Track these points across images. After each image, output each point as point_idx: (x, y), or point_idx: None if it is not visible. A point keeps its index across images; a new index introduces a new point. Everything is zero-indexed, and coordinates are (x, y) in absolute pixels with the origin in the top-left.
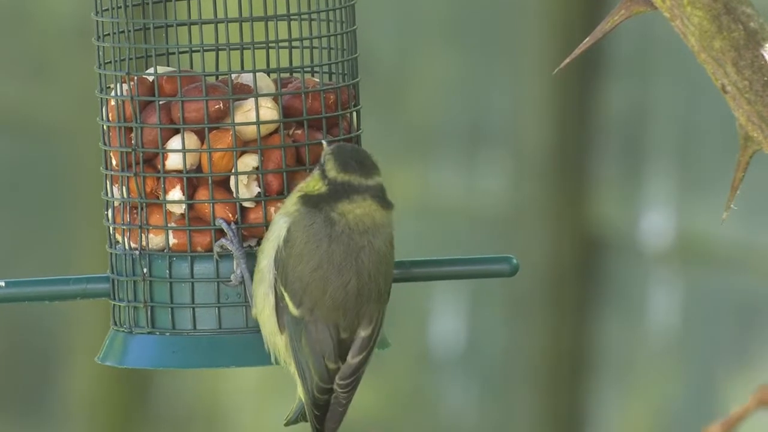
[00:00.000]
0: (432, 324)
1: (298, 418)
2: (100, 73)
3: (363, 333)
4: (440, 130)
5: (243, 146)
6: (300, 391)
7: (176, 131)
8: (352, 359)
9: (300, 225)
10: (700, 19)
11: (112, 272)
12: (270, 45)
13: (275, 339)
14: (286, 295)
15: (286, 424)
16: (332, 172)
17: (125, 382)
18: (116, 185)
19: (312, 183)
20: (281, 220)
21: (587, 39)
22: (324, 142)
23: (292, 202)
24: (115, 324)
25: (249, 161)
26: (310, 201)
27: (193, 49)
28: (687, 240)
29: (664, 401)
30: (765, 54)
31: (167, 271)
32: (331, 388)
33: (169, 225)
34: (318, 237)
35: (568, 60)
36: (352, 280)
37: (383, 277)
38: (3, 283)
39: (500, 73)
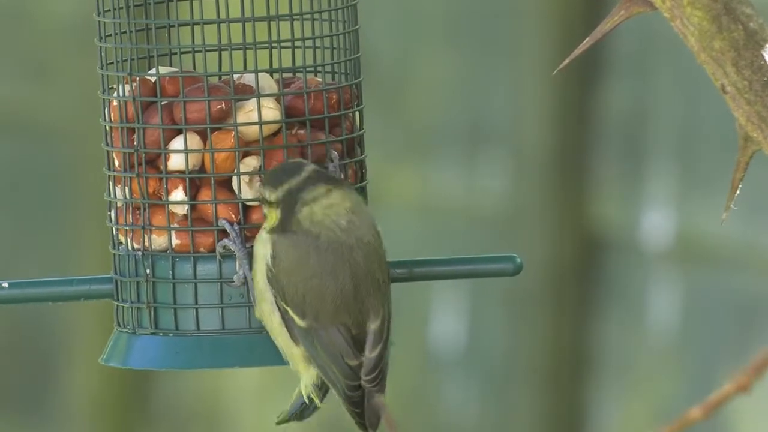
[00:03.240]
0: (432, 324)
1: (292, 417)
2: (102, 74)
3: (372, 326)
4: (440, 130)
5: (245, 147)
6: (301, 386)
7: (179, 132)
8: (370, 354)
9: (283, 244)
10: (700, 20)
11: (116, 273)
12: (272, 45)
13: (291, 351)
14: (288, 309)
15: (278, 423)
16: (271, 195)
17: (126, 382)
18: (119, 186)
19: (268, 220)
20: (262, 240)
21: (587, 39)
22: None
23: (263, 237)
24: (119, 325)
25: (252, 162)
26: (278, 229)
27: (195, 49)
28: (687, 240)
29: (664, 401)
30: (765, 54)
31: (170, 271)
32: (359, 384)
33: (171, 226)
34: (305, 251)
35: (567, 60)
36: (348, 282)
37: (378, 269)
38: (6, 284)
39: (500, 73)
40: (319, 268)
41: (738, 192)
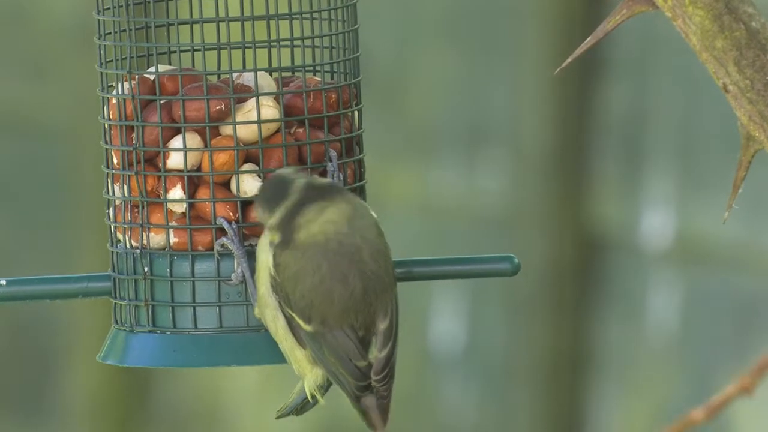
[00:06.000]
0: (432, 324)
1: (292, 412)
2: (101, 72)
3: (381, 326)
4: (440, 130)
5: (245, 146)
6: (305, 386)
7: (178, 131)
8: (380, 353)
9: (286, 254)
10: (702, 19)
11: (114, 271)
12: (271, 44)
13: (296, 353)
14: (294, 315)
15: (278, 417)
16: (269, 220)
17: (126, 382)
18: (117, 184)
19: (270, 235)
20: (263, 247)
21: (589, 38)
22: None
23: (264, 244)
24: (117, 322)
25: (251, 168)
26: (280, 244)
27: (194, 47)
28: (687, 240)
29: (664, 401)
30: (767, 54)
31: (168, 269)
32: (368, 384)
33: (170, 224)
34: (311, 259)
35: (569, 60)
36: (358, 284)
37: (384, 270)
38: (4, 282)
39: (500, 73)
40: (328, 274)
41: (739, 191)
